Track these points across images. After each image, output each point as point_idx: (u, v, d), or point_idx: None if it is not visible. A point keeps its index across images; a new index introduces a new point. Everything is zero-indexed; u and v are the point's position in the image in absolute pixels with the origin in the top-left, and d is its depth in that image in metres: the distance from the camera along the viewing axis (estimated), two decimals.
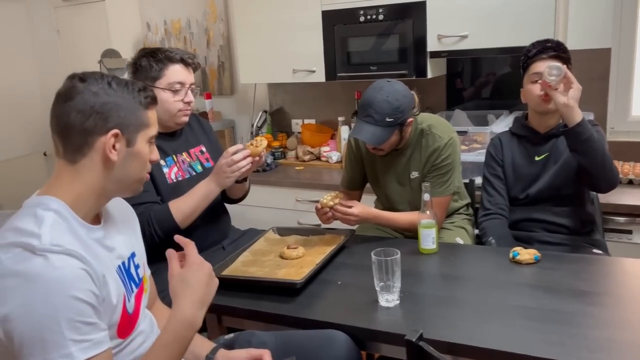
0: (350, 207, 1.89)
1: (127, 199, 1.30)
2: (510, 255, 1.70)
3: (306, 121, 3.52)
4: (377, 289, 1.48)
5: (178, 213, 1.80)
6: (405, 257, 1.54)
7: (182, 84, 1.88)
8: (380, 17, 2.78)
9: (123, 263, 1.18)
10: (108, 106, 1.08)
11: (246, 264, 1.76)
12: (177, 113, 1.89)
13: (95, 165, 1.09)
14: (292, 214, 3.01)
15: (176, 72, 1.87)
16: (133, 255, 1.23)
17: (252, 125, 3.58)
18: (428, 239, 1.78)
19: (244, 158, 1.82)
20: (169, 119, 1.90)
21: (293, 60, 3.09)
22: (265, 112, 3.58)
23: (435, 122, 2.04)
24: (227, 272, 1.69)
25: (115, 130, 1.08)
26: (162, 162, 1.89)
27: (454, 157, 2.00)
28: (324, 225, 2.03)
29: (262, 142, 1.87)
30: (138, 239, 1.31)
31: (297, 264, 1.72)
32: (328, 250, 1.78)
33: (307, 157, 3.27)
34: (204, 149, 2.08)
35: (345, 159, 2.28)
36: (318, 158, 3.28)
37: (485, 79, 3.02)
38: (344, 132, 3.16)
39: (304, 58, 3.06)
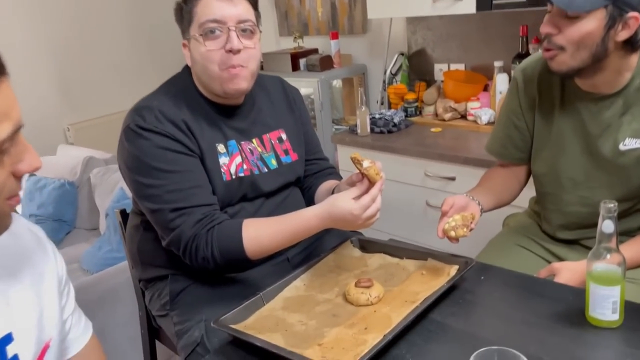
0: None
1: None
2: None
3: (453, 66, 2.68)
4: None
5: (252, 243, 1.17)
6: (557, 328, 0.82)
7: (218, 23, 1.20)
8: None
9: None
10: None
11: (287, 307, 1.13)
12: (220, 73, 1.22)
13: None
14: (420, 192, 2.31)
15: (209, 7, 1.20)
16: (6, 339, 0.71)
17: (385, 72, 2.87)
18: (605, 303, 0.97)
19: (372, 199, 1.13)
20: (213, 84, 1.25)
21: None
22: (402, 54, 2.83)
23: None
24: (252, 319, 1.09)
25: None
26: (219, 148, 1.28)
27: None
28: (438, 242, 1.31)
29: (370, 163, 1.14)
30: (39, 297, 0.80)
31: (362, 319, 1.05)
32: (421, 294, 1.08)
33: (448, 115, 2.48)
34: (284, 135, 1.43)
35: (502, 107, 1.46)
36: (463, 117, 2.48)
37: None
38: (502, 82, 2.31)
39: None
